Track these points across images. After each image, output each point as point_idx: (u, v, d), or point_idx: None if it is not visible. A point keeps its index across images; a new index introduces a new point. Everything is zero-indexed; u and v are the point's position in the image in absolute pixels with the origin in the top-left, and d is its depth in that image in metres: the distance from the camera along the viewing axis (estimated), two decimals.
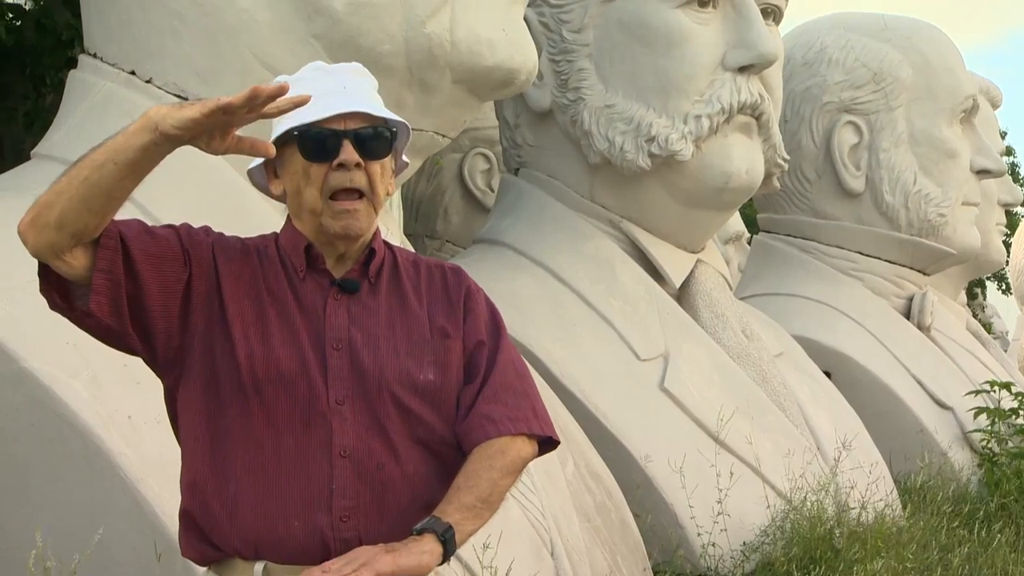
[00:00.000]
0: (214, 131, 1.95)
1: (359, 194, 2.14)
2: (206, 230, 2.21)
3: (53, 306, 2.08)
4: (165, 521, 3.05)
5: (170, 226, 2.17)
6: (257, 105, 1.90)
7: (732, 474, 5.07)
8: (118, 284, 2.04)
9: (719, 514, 4.97)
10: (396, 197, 5.97)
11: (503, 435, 2.18)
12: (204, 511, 2.12)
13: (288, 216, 2.23)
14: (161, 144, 1.94)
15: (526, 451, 2.21)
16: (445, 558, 2.04)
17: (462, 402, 2.20)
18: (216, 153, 1.99)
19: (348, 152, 2.11)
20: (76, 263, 2.01)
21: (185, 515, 2.16)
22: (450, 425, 2.18)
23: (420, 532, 2.03)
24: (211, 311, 2.13)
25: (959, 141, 7.94)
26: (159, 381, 2.22)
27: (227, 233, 2.25)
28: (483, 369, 2.22)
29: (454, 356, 2.21)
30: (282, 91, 1.92)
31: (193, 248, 2.14)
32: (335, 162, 2.11)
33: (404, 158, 2.28)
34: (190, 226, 2.20)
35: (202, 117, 1.90)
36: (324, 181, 2.13)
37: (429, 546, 2.01)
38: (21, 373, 3.20)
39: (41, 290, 2.07)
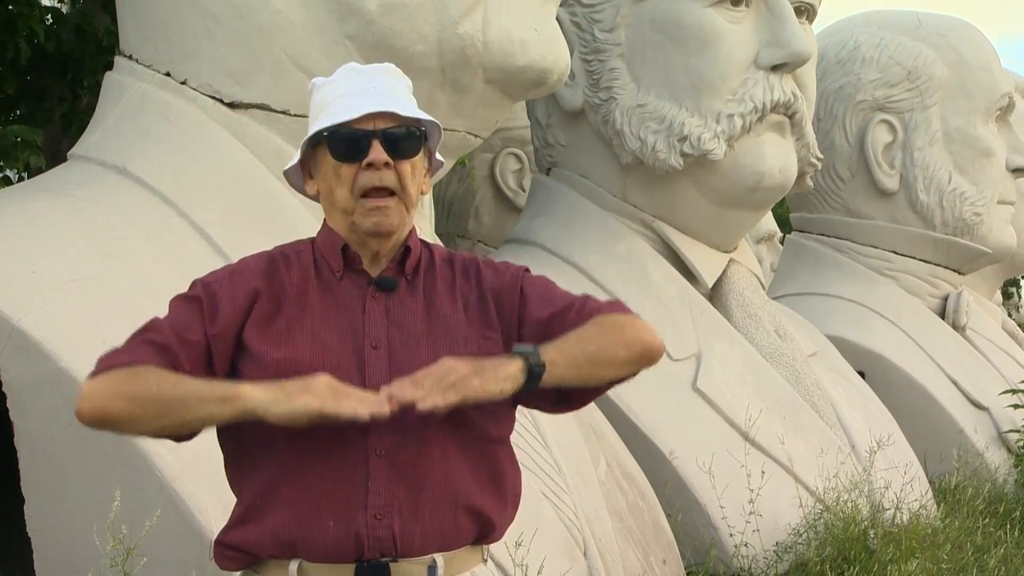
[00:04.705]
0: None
1: (390, 192, 2.14)
2: (218, 280, 2.18)
3: None
4: (201, 519, 3.06)
5: (190, 299, 2.16)
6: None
7: (764, 474, 5.05)
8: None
9: (751, 514, 4.95)
10: (428, 197, 5.98)
11: (619, 313, 2.22)
12: (240, 513, 2.13)
13: (325, 219, 2.24)
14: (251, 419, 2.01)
15: (649, 336, 2.19)
16: (528, 387, 2.05)
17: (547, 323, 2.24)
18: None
19: (377, 152, 2.11)
20: None
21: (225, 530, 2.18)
22: (488, 418, 2.18)
23: (514, 354, 2.06)
24: (240, 338, 2.14)
25: (994, 139, 7.88)
26: None
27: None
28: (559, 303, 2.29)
29: (492, 352, 2.19)
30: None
31: (211, 318, 2.13)
32: (364, 162, 2.11)
33: (439, 157, 2.27)
34: (206, 288, 2.17)
35: (302, 417, 1.96)
36: (354, 180, 2.13)
37: (513, 373, 2.03)
38: (58, 373, 3.22)
39: None
